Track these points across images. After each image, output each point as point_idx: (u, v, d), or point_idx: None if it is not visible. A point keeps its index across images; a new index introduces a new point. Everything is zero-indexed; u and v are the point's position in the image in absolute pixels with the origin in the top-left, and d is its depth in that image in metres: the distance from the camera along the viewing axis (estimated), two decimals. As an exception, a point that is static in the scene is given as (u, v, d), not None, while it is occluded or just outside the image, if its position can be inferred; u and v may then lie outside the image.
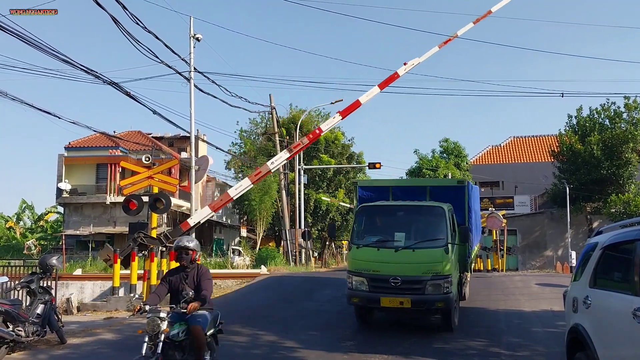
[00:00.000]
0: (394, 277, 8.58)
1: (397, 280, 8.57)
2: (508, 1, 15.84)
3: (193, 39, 19.74)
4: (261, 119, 40.84)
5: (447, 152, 42.95)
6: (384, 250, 8.91)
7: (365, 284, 8.81)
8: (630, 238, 4.45)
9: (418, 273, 8.62)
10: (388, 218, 9.71)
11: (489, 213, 29.60)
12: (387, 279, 8.63)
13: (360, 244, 9.15)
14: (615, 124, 31.32)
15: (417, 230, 9.30)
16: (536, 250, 34.14)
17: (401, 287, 8.59)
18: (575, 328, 5.10)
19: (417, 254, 8.75)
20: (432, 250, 8.77)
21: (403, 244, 8.87)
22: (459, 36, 15.10)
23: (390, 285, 8.61)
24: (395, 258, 8.74)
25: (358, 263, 9.03)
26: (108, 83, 14.49)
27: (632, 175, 31.13)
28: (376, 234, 9.35)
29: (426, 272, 8.60)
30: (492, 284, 16.27)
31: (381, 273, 8.72)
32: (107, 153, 33.01)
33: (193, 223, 13.73)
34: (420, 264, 8.68)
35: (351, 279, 8.99)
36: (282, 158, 14.25)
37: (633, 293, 4.07)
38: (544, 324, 10.26)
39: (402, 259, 8.73)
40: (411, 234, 9.15)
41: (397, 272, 8.62)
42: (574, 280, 5.72)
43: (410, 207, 9.72)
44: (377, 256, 8.87)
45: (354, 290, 8.95)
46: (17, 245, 37.19)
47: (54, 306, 8.69)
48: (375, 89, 14.15)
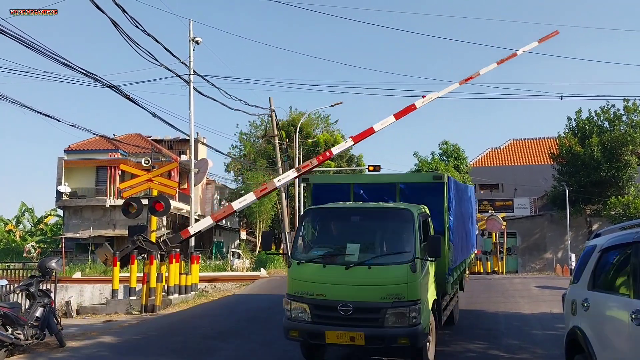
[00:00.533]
0: (344, 303, 6.58)
1: (347, 308, 6.56)
2: (534, 46, 16.11)
3: (193, 42, 19.80)
4: (261, 121, 40.94)
5: (447, 155, 42.95)
6: (331, 268, 6.86)
7: (307, 313, 6.80)
8: (628, 240, 4.46)
9: (375, 298, 6.60)
10: (339, 225, 7.75)
11: (489, 215, 29.65)
12: (335, 306, 6.62)
13: (301, 259, 7.12)
14: (614, 126, 31.36)
15: (376, 240, 7.41)
16: (536, 252, 34.14)
17: (352, 317, 6.58)
18: (574, 331, 5.11)
19: (375, 273, 6.70)
20: (395, 267, 6.73)
21: (357, 259, 6.84)
22: (481, 74, 15.45)
23: (339, 314, 6.59)
24: (346, 278, 6.71)
25: (298, 284, 7.00)
26: (108, 86, 14.51)
27: (632, 178, 31.15)
28: (323, 245, 7.40)
29: (385, 296, 6.57)
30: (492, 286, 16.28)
31: (327, 298, 6.73)
32: (106, 156, 33.04)
33: (193, 232, 13.80)
34: (378, 286, 6.66)
35: (289, 305, 6.96)
36: (290, 177, 14.33)
37: (631, 296, 4.08)
38: (543, 327, 10.27)
39: (354, 279, 6.70)
40: (368, 246, 7.25)
41: (347, 297, 6.64)
42: (573, 282, 5.73)
43: (368, 210, 7.78)
44: (323, 275, 6.85)
45: (292, 321, 6.90)
46: (17, 248, 37.19)
47: (53, 309, 8.69)
48: (391, 118, 14.29)
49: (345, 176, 12.82)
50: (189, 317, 12.23)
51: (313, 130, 40.42)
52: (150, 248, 13.52)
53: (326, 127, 41.85)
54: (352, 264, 6.75)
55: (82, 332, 10.17)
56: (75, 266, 24.50)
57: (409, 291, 6.61)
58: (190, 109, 19.52)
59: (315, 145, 37.28)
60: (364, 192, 9.06)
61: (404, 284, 6.62)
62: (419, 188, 8.77)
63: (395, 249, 7.05)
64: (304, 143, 36.64)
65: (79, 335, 9.86)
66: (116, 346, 8.98)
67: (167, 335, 9.99)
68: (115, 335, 9.89)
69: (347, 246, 7.05)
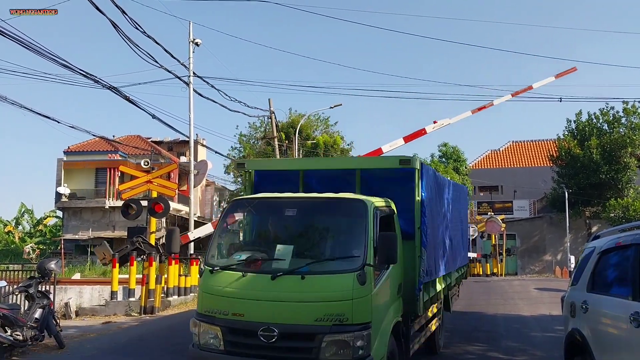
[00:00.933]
0: (267, 326, 4.88)
1: (270, 333, 4.87)
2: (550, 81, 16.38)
3: (192, 43, 19.84)
4: (260, 123, 40.86)
5: (446, 157, 42.97)
6: (254, 277, 5.16)
7: (219, 339, 5.10)
8: (627, 243, 4.47)
9: (308, 320, 4.87)
10: (271, 221, 6.15)
11: (488, 218, 29.73)
12: (255, 330, 4.91)
13: (216, 265, 5.41)
14: (614, 128, 31.38)
15: (315, 241, 5.77)
16: (535, 254, 34.14)
17: (277, 346, 4.89)
18: (573, 333, 5.11)
19: (310, 285, 4.97)
20: (337, 277, 5.01)
21: (287, 266, 5.14)
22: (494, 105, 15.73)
23: (260, 341, 4.90)
24: (272, 292, 5.00)
25: (210, 300, 5.28)
26: (107, 87, 14.53)
27: (631, 180, 31.17)
28: (248, 247, 5.89)
29: (323, 318, 4.83)
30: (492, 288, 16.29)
31: (245, 319, 5.01)
32: (106, 157, 33.05)
33: (193, 238, 13.84)
34: (312, 302, 4.92)
35: (198, 328, 5.29)
36: None
37: (630, 298, 4.08)
38: (542, 329, 10.28)
39: (282, 294, 5.00)
40: (305, 249, 5.58)
41: (272, 318, 4.91)
42: (572, 284, 5.73)
43: (308, 202, 5.94)
44: (242, 288, 5.11)
45: (200, 350, 5.22)
46: (16, 249, 37.15)
47: (52, 310, 8.68)
48: (400, 141, 14.49)
49: (294, 160, 9.75)
50: (189, 319, 12.20)
51: (313, 132, 40.39)
52: (150, 250, 13.54)
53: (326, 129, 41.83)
54: (280, 273, 5.04)
55: (81, 334, 10.16)
56: (74, 267, 24.46)
57: (355, 310, 4.85)
58: (190, 110, 19.56)
59: (314, 147, 37.28)
60: (316, 182, 7.25)
61: (348, 300, 4.85)
62: (384, 177, 6.99)
63: (340, 252, 5.45)
64: (304, 145, 36.62)
65: (78, 336, 9.85)
66: (115, 348, 8.97)
67: (167, 336, 9.99)
68: (114, 337, 9.89)
69: (277, 248, 5.39)
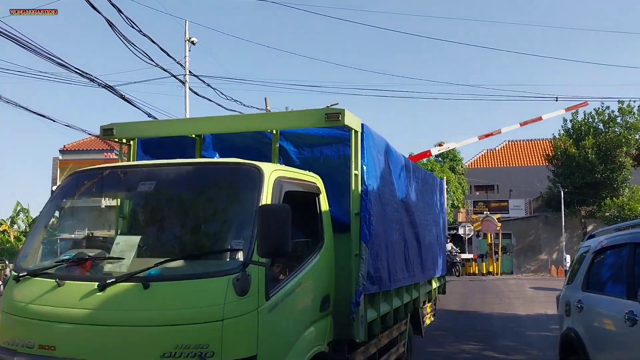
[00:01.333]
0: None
1: None
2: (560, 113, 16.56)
3: (188, 42, 19.77)
4: (257, 122, 40.81)
5: (442, 156, 43.00)
6: (74, 288, 3.32)
7: None
8: (622, 242, 4.48)
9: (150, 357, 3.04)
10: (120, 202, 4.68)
11: (484, 217, 29.82)
12: None
13: (27, 270, 3.63)
14: (609, 128, 31.45)
15: (176, 230, 3.91)
16: (531, 253, 34.22)
17: None
18: (568, 332, 5.12)
19: (156, 297, 3.15)
20: (200, 283, 3.19)
21: (126, 268, 3.37)
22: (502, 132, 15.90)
23: None
24: (98, 310, 3.17)
25: (11, 324, 3.47)
26: (103, 86, 14.48)
27: (626, 179, 31.26)
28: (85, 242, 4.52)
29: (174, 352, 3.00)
30: (487, 287, 16.33)
31: (56, 355, 3.16)
32: (102, 156, 32.95)
33: None
34: (159, 327, 3.10)
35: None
36: None
37: (625, 297, 4.09)
38: (537, 328, 10.31)
39: (113, 313, 3.17)
40: (159, 242, 3.87)
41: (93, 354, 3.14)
42: (567, 283, 5.75)
43: (173, 171, 4.07)
44: (55, 304, 3.29)
45: None
46: (11, 248, 36.94)
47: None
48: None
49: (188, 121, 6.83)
50: None
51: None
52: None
53: (322, 129, 41.86)
54: (112, 279, 3.20)
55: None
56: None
57: (227, 338, 3.05)
58: (186, 109, 19.50)
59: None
60: (219, 151, 5.29)
61: (215, 321, 3.05)
62: (311, 143, 4.98)
63: (212, 245, 3.62)
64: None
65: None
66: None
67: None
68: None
69: (116, 241, 3.79)
